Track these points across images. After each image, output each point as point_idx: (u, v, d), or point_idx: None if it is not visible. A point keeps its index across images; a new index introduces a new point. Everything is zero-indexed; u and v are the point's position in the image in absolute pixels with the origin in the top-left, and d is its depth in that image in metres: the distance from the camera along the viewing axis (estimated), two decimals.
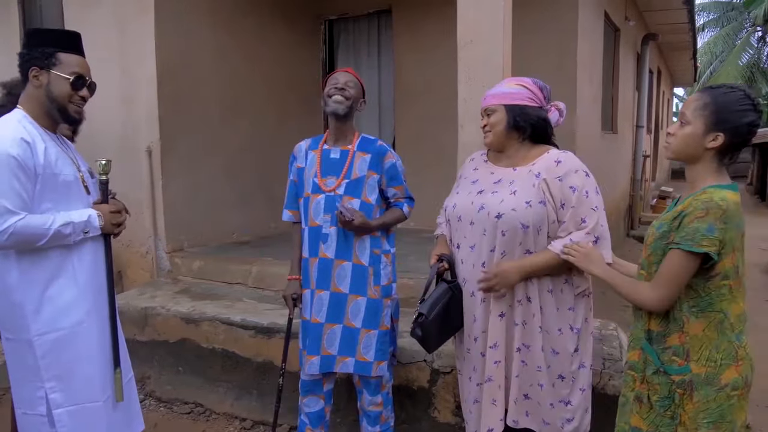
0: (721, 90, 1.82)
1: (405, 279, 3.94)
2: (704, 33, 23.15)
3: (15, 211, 1.97)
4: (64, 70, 2.12)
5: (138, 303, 4.17)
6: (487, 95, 2.31)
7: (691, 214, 1.74)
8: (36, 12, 5.99)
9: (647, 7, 8.79)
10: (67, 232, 2.08)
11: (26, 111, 2.12)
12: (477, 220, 2.26)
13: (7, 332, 2.14)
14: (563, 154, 2.24)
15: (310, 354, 2.67)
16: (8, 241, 1.98)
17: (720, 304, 1.78)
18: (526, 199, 2.17)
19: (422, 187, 6.13)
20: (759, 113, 1.80)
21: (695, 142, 1.81)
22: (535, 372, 2.25)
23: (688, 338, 1.80)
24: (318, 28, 6.79)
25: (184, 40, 4.94)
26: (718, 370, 1.77)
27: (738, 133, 1.77)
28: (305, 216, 2.71)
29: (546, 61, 5.16)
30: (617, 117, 8.05)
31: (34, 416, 2.13)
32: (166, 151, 4.83)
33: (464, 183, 2.44)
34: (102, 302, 2.25)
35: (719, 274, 1.76)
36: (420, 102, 6.14)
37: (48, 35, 2.17)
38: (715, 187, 1.78)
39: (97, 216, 2.18)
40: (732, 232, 1.73)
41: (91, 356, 2.18)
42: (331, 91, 2.64)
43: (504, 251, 2.21)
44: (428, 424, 3.18)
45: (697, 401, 1.77)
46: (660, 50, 12.67)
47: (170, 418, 3.67)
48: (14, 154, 1.97)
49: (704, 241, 1.70)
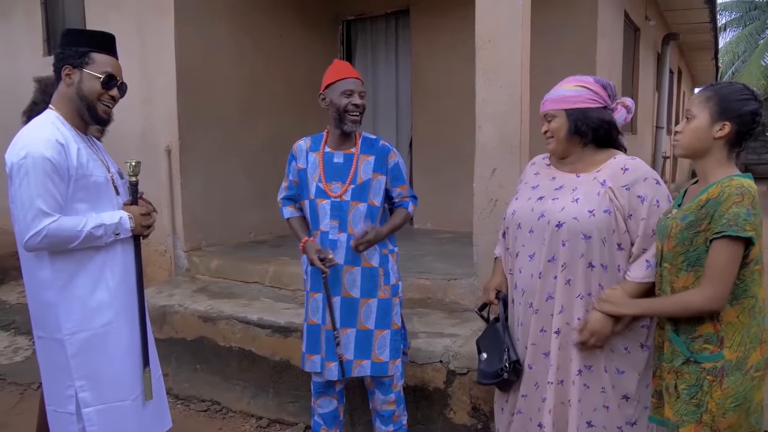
0: (721, 84, 1.92)
1: (422, 280, 3.93)
2: (726, 33, 22.85)
3: (49, 213, 1.99)
4: (96, 69, 2.13)
5: (156, 301, 4.21)
6: (546, 99, 2.20)
7: (728, 200, 1.75)
8: (58, 13, 6.08)
9: (668, 7, 8.68)
10: (98, 234, 2.10)
11: (58, 111, 2.15)
12: (537, 228, 2.16)
13: (40, 330, 2.18)
14: (631, 161, 2.11)
15: (328, 360, 2.66)
16: (42, 243, 2.01)
17: (753, 289, 1.81)
18: (589, 208, 2.06)
19: (439, 188, 6.16)
20: (760, 103, 1.86)
21: (703, 134, 1.85)
22: (600, 394, 2.12)
23: (723, 326, 1.81)
24: (336, 28, 6.80)
25: (203, 40, 4.98)
26: (746, 354, 1.79)
27: (743, 120, 1.82)
28: (313, 220, 2.68)
29: (565, 61, 5.12)
30: (637, 117, 7.96)
31: (64, 414, 2.16)
32: (185, 150, 4.87)
33: (524, 188, 2.33)
34: (132, 302, 2.28)
35: (753, 259, 1.79)
36: (437, 102, 6.12)
37: (83, 35, 2.20)
38: (737, 175, 1.82)
39: (128, 218, 2.19)
40: (760, 217, 1.77)
41: (121, 356, 2.21)
42: (350, 108, 2.55)
43: (565, 263, 2.09)
44: (443, 426, 3.17)
45: (726, 387, 1.79)
46: (681, 50, 12.52)
47: (187, 415, 3.70)
48: (49, 157, 1.99)
49: (747, 225, 1.72)
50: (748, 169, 23.05)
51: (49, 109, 2.16)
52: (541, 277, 2.15)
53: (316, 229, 2.68)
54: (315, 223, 2.67)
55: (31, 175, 1.98)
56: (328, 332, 2.66)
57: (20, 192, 2.00)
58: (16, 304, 5.17)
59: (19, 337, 4.78)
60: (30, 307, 2.21)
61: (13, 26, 6.39)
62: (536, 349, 2.20)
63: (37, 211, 1.98)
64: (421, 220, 6.32)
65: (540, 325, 2.18)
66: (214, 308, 4.01)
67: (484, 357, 2.35)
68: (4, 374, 4.18)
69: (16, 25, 6.36)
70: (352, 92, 2.56)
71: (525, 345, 2.24)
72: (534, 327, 2.20)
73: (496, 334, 2.33)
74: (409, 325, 3.55)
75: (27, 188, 1.98)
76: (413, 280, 3.93)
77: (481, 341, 2.41)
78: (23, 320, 4.83)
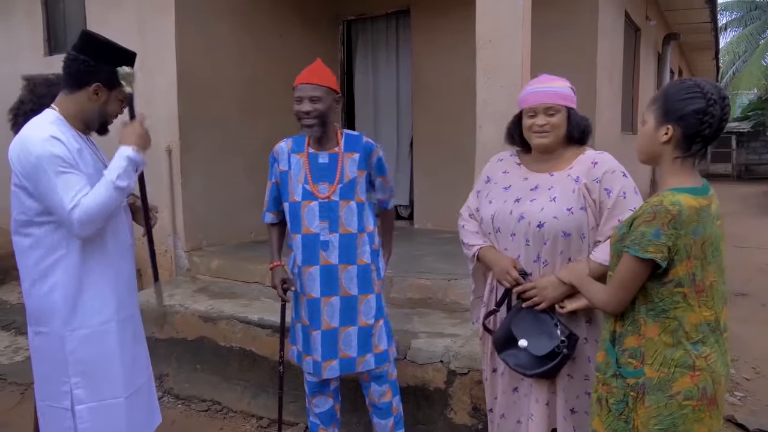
0: (672, 83, 1.79)
1: (422, 280, 3.93)
2: (727, 33, 22.87)
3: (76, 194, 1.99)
4: (121, 93, 2.19)
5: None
6: (548, 92, 2.15)
7: (640, 217, 1.69)
8: (59, 12, 6.09)
9: (668, 7, 8.69)
10: (124, 185, 2.09)
11: (63, 113, 2.13)
12: (518, 231, 2.18)
13: (41, 326, 2.18)
14: (600, 155, 2.17)
15: (330, 359, 2.66)
16: (84, 219, 2.00)
17: (674, 312, 1.71)
18: (567, 206, 2.10)
19: (440, 188, 6.16)
20: (709, 101, 1.67)
21: (651, 138, 1.77)
22: (582, 381, 2.19)
23: (645, 341, 1.74)
24: (336, 28, 6.80)
25: (204, 39, 4.98)
26: (671, 377, 1.71)
27: (687, 123, 1.69)
28: (296, 223, 2.65)
29: (565, 61, 5.12)
30: (637, 118, 7.97)
31: (59, 409, 2.16)
32: (186, 150, 4.87)
33: (495, 189, 2.31)
34: (132, 299, 2.33)
35: (672, 281, 1.69)
36: (438, 102, 6.13)
37: (113, 52, 2.17)
38: (672, 190, 1.70)
39: (131, 150, 2.14)
40: (687, 238, 1.66)
41: (118, 353, 2.23)
42: (300, 115, 2.57)
43: (546, 260, 2.14)
44: (444, 426, 3.17)
45: (648, 406, 1.72)
46: (681, 50, 12.53)
47: (188, 415, 3.70)
48: (57, 153, 2.00)
49: (650, 247, 1.65)
50: (749, 169, 23.00)
51: (50, 108, 2.15)
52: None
53: (296, 231, 2.65)
54: (297, 226, 2.64)
55: (47, 171, 1.98)
56: (316, 335, 2.66)
57: (42, 189, 2.00)
58: (17, 304, 5.18)
59: (20, 337, 4.78)
60: (28, 303, 2.21)
61: (13, 26, 6.39)
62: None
63: (65, 198, 1.98)
64: (421, 220, 6.32)
65: None
66: (215, 308, 4.01)
67: (524, 344, 2.14)
68: (4, 374, 4.18)
69: (16, 25, 6.37)
70: (301, 99, 2.58)
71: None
72: None
73: (532, 315, 2.17)
74: (410, 325, 3.56)
75: (45, 183, 1.99)
76: (413, 280, 3.94)
77: (515, 328, 2.19)
78: (24, 320, 4.83)
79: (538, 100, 2.15)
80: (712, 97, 1.68)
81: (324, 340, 2.65)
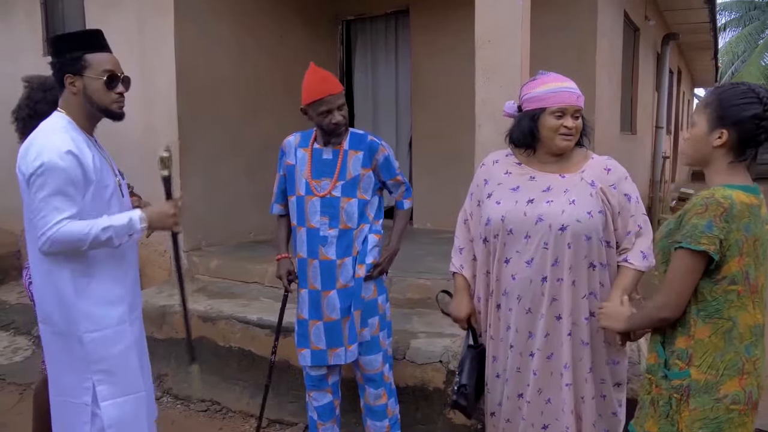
0: (724, 87, 1.77)
1: (422, 280, 3.94)
2: (726, 33, 22.87)
3: (59, 219, 1.98)
4: (95, 72, 2.10)
5: (156, 301, 4.21)
6: (575, 93, 2.10)
7: (691, 210, 1.68)
8: (58, 13, 6.08)
9: (668, 7, 8.68)
10: (105, 237, 2.05)
11: (69, 115, 2.13)
12: (534, 233, 2.10)
13: (55, 326, 2.17)
14: (609, 161, 2.18)
15: (336, 346, 2.68)
16: (52, 247, 2.00)
17: (728, 311, 1.69)
18: (587, 209, 2.07)
19: (439, 188, 6.15)
20: (765, 106, 1.69)
21: (702, 142, 1.75)
22: (599, 384, 2.20)
23: (694, 342, 1.73)
24: (336, 28, 6.80)
25: (204, 39, 4.98)
26: (718, 380, 1.70)
27: (744, 128, 1.69)
28: (300, 216, 2.68)
29: (564, 61, 5.10)
30: (636, 117, 7.97)
31: (78, 404, 2.16)
32: (185, 150, 4.86)
33: (501, 190, 2.22)
34: (138, 297, 2.35)
35: (725, 277, 1.68)
36: (437, 102, 6.13)
37: (71, 39, 2.17)
38: (723, 186, 1.70)
39: (138, 218, 2.15)
40: (739, 234, 1.65)
41: (135, 350, 2.25)
42: (332, 127, 2.56)
43: (571, 265, 2.09)
44: (443, 426, 3.17)
45: (693, 408, 1.71)
46: (680, 50, 12.52)
47: (187, 415, 3.70)
48: (64, 167, 1.99)
49: (703, 239, 1.63)
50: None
51: (57, 112, 2.14)
52: (546, 281, 2.11)
53: (301, 225, 2.68)
54: (301, 219, 2.68)
55: (46, 183, 1.98)
56: (319, 326, 2.68)
57: (35, 198, 2.00)
58: (16, 304, 5.17)
59: (19, 337, 4.78)
60: (40, 304, 2.20)
61: (13, 26, 6.38)
62: (541, 354, 2.17)
63: (49, 216, 1.98)
64: (421, 220, 6.32)
65: (546, 329, 2.15)
66: (214, 308, 4.01)
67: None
68: (3, 374, 4.18)
69: (16, 25, 6.35)
70: (330, 110, 2.54)
71: (520, 351, 2.21)
72: (540, 332, 2.15)
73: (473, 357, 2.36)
74: (409, 324, 3.56)
75: (41, 195, 1.99)
76: (413, 280, 3.94)
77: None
78: (23, 320, 4.84)
79: (569, 101, 2.08)
80: (766, 101, 1.69)
81: (327, 330, 2.68)
